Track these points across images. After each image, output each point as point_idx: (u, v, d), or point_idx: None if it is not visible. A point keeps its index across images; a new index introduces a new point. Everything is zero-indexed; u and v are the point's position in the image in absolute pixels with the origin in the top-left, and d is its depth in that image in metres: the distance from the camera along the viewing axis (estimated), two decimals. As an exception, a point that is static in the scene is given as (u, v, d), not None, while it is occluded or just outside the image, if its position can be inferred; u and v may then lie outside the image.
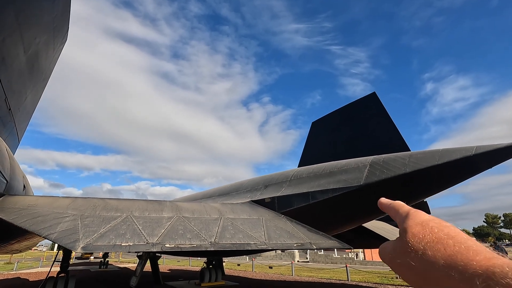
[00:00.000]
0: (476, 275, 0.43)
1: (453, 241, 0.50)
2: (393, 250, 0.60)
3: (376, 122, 11.44)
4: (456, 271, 0.46)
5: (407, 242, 0.56)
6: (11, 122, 7.83)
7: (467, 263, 0.46)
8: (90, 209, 4.91)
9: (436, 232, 0.53)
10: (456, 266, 0.46)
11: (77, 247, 3.67)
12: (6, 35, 5.46)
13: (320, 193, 6.47)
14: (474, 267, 0.44)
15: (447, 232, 0.53)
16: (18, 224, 4.01)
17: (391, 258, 0.60)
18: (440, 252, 0.49)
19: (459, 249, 0.48)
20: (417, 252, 0.53)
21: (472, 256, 0.46)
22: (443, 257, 0.49)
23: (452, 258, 0.48)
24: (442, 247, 0.50)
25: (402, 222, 0.62)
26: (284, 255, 38.23)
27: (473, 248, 0.48)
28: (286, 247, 5.21)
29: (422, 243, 0.53)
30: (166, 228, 4.72)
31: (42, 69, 8.51)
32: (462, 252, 0.48)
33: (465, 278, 0.44)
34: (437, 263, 0.49)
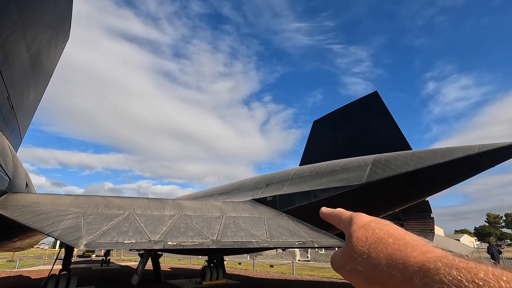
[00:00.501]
0: (414, 272, 0.42)
1: (393, 239, 0.50)
2: (342, 258, 0.58)
3: (378, 121, 11.42)
4: (397, 270, 0.45)
5: (352, 247, 0.55)
6: (14, 120, 7.85)
7: (405, 260, 0.45)
8: (93, 207, 4.93)
9: (377, 233, 0.53)
10: (396, 265, 0.45)
11: (79, 244, 3.68)
12: (9, 33, 5.47)
13: (322, 192, 6.47)
14: (412, 264, 0.44)
15: (387, 230, 0.53)
16: (21, 221, 4.03)
17: (341, 266, 0.58)
18: (382, 252, 0.49)
19: (398, 247, 0.48)
20: (362, 256, 0.52)
21: (410, 253, 0.46)
22: (385, 256, 0.48)
23: (392, 256, 0.47)
24: (384, 246, 0.49)
25: (347, 228, 0.60)
26: (285, 254, 38.27)
27: (410, 243, 0.48)
28: (288, 245, 5.22)
29: (366, 246, 0.52)
30: (168, 226, 4.74)
31: (44, 67, 8.53)
32: (401, 249, 0.47)
33: (406, 277, 0.43)
34: (380, 264, 0.48)
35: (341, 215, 0.67)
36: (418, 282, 0.41)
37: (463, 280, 0.38)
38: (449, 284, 0.38)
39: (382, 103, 11.56)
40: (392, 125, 10.87)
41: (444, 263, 0.41)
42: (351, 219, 0.61)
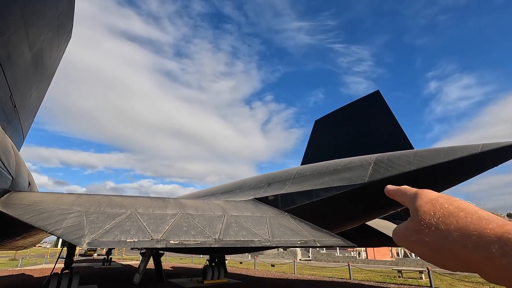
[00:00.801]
0: (491, 242, 0.44)
1: (464, 213, 0.51)
2: (406, 229, 0.61)
3: (380, 121, 11.39)
4: (470, 241, 0.46)
5: (419, 220, 0.57)
6: (16, 119, 7.88)
7: (480, 232, 0.46)
8: (95, 205, 4.94)
9: (446, 207, 0.54)
10: (470, 236, 0.47)
11: (82, 243, 3.69)
12: (12, 32, 5.49)
13: (324, 191, 6.46)
14: (489, 235, 0.45)
15: (458, 205, 0.54)
16: (24, 220, 4.05)
17: (405, 237, 0.61)
18: (453, 225, 0.50)
19: (471, 220, 0.49)
20: (430, 228, 0.54)
21: (485, 225, 0.47)
22: (456, 229, 0.50)
23: (465, 228, 0.48)
24: (454, 219, 0.51)
25: (412, 203, 0.62)
26: (286, 253, 38.26)
27: (484, 217, 0.49)
28: (290, 244, 5.21)
29: (434, 219, 0.54)
30: (171, 225, 4.74)
31: (47, 66, 8.55)
32: (475, 222, 0.48)
33: (480, 246, 0.45)
34: (451, 236, 0.50)
35: (405, 191, 0.69)
36: (496, 251, 0.42)
37: None
38: None
39: (384, 103, 11.53)
40: (394, 125, 10.84)
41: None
42: (416, 194, 0.63)
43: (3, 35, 5.32)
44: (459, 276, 17.51)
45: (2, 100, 6.47)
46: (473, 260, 0.46)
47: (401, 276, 17.20)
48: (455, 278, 16.48)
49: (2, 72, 5.87)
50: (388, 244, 10.88)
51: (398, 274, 17.45)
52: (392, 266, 24.66)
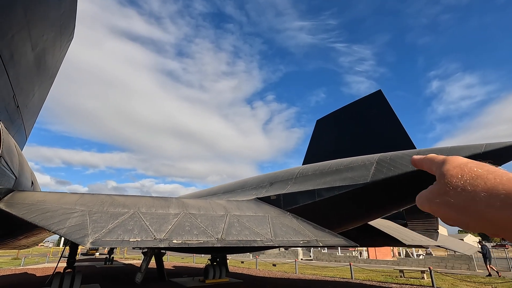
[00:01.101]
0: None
1: (494, 175, 0.51)
2: (431, 193, 0.61)
3: (382, 120, 11.36)
4: (498, 200, 0.47)
5: (445, 183, 0.57)
6: (19, 119, 7.91)
7: (509, 191, 0.46)
8: (98, 205, 4.95)
9: (475, 170, 0.54)
10: (498, 195, 0.47)
11: (86, 242, 3.70)
12: (15, 32, 5.50)
13: (326, 191, 6.45)
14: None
15: (487, 169, 0.54)
16: (28, 219, 4.06)
17: (429, 200, 0.61)
18: (480, 186, 0.51)
19: (501, 180, 0.49)
20: (456, 189, 0.54)
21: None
22: (483, 189, 0.50)
23: (494, 189, 0.49)
24: (482, 181, 0.51)
25: (440, 168, 0.63)
26: (288, 253, 38.28)
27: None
28: (292, 244, 5.21)
29: (461, 181, 0.54)
30: (173, 225, 4.75)
31: (49, 66, 8.58)
32: (504, 183, 0.48)
33: (508, 205, 0.45)
34: (478, 196, 0.50)
35: (433, 158, 0.70)
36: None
37: None
38: None
39: (386, 102, 11.50)
40: (396, 124, 10.81)
41: None
42: (445, 160, 0.64)
43: (6, 35, 5.33)
44: (461, 276, 17.47)
45: (5, 100, 6.49)
46: (500, 219, 0.46)
47: (403, 276, 17.17)
48: (457, 278, 16.44)
49: (5, 72, 5.89)
50: (390, 244, 10.86)
51: (400, 274, 17.42)
52: (393, 266, 24.61)
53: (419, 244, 9.85)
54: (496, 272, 17.91)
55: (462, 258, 22.30)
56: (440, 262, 23.29)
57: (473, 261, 21.95)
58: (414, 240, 9.32)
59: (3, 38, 5.23)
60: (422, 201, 0.64)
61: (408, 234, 9.69)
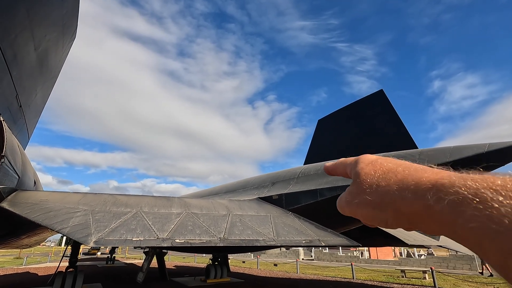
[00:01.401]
0: (426, 190, 0.45)
1: (402, 168, 0.53)
2: (349, 194, 0.61)
3: (384, 120, 11.33)
4: (409, 191, 0.48)
5: (361, 182, 0.58)
6: (22, 119, 7.93)
7: (417, 181, 0.48)
8: (101, 204, 4.96)
9: (385, 165, 0.56)
10: (408, 187, 0.49)
11: (89, 241, 3.71)
12: (18, 32, 5.52)
13: (328, 190, 6.44)
14: (424, 183, 0.46)
15: (395, 162, 0.56)
16: (31, 218, 4.07)
17: (348, 202, 0.61)
18: (392, 179, 0.52)
19: (409, 172, 0.51)
20: (371, 187, 0.55)
21: (421, 174, 0.49)
22: (395, 182, 0.51)
23: (404, 181, 0.50)
24: (393, 174, 0.53)
25: (354, 168, 0.63)
26: (289, 252, 38.26)
27: (420, 168, 0.51)
28: (295, 243, 5.21)
29: (375, 178, 0.55)
30: (176, 224, 4.75)
31: (52, 66, 8.60)
32: (412, 174, 0.50)
33: (418, 196, 0.46)
34: (391, 190, 0.51)
35: (345, 161, 0.70)
36: (431, 197, 0.44)
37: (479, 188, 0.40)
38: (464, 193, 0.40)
39: (388, 102, 11.48)
40: (398, 124, 10.78)
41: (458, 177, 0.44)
42: (356, 160, 0.65)
43: (9, 35, 5.35)
44: (463, 276, 17.43)
45: (8, 100, 6.51)
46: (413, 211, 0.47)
47: (405, 276, 17.14)
48: (459, 278, 16.40)
49: (8, 72, 5.91)
50: (392, 243, 10.84)
51: (402, 274, 17.39)
52: (395, 266, 24.57)
53: (421, 244, 9.83)
54: (484, 272, 18.55)
55: (464, 258, 22.24)
56: (442, 262, 23.23)
57: (475, 261, 21.89)
58: (416, 240, 9.31)
59: (6, 38, 5.25)
60: (342, 204, 0.63)
61: (410, 234, 9.67)
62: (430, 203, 0.43)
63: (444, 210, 0.42)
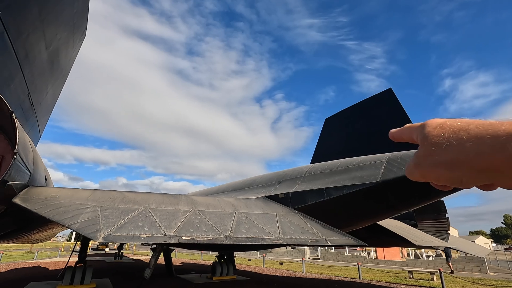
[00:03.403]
0: (507, 141, 0.43)
1: (475, 125, 0.51)
2: (417, 158, 0.60)
3: (392, 119, 11.18)
4: (485, 146, 0.46)
5: (430, 143, 0.56)
6: (33, 116, 8.11)
7: (493, 134, 0.46)
8: (109, 201, 5.04)
9: (455, 125, 0.54)
10: (484, 141, 0.47)
11: (98, 237, 3.78)
12: (30, 31, 5.63)
13: (335, 190, 6.40)
14: (503, 135, 0.44)
15: (466, 121, 0.54)
16: (42, 214, 4.17)
17: (417, 164, 0.59)
18: (465, 137, 0.50)
19: (483, 127, 0.49)
20: (441, 147, 0.53)
21: (498, 127, 0.46)
22: (468, 139, 0.49)
23: (478, 136, 0.48)
24: (466, 132, 0.51)
25: (421, 132, 0.61)
26: (295, 251, 38.23)
27: (495, 122, 0.49)
28: (301, 242, 5.20)
29: (445, 138, 0.54)
30: (183, 221, 4.80)
31: (62, 65, 8.75)
32: (487, 128, 0.48)
33: (497, 149, 0.44)
34: (465, 147, 0.49)
35: (411, 126, 0.69)
36: None
37: None
38: None
39: (397, 101, 11.31)
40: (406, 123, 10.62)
41: None
42: (423, 124, 0.63)
43: (21, 34, 5.46)
44: (471, 278, 17.12)
45: (20, 98, 6.66)
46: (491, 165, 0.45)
47: (412, 277, 16.94)
48: (468, 280, 16.12)
49: (21, 71, 6.04)
50: (399, 244, 10.71)
51: (409, 275, 17.19)
52: (402, 266, 24.31)
53: (429, 245, 9.69)
54: (451, 270, 20.40)
55: (473, 260, 21.85)
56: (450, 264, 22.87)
57: (484, 263, 21.49)
58: (424, 241, 9.17)
59: (19, 37, 5.36)
60: (411, 169, 0.62)
61: (418, 234, 9.54)
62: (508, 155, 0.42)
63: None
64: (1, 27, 4.77)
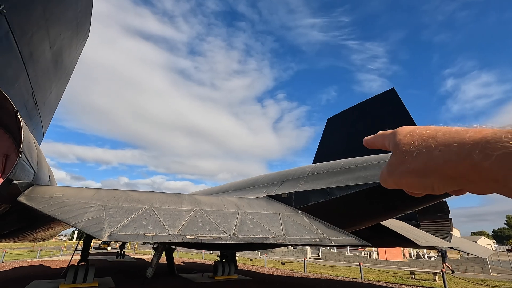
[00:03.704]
0: (471, 149, 0.45)
1: (442, 132, 0.53)
2: (390, 166, 0.62)
3: (395, 119, 11.15)
4: (452, 153, 0.48)
5: (401, 152, 0.58)
6: (37, 115, 8.14)
7: (460, 142, 0.47)
8: (113, 200, 5.05)
9: (424, 133, 0.56)
10: (451, 149, 0.48)
11: (103, 236, 3.79)
12: (34, 30, 5.65)
13: (339, 190, 6.39)
14: (468, 142, 0.46)
15: (434, 129, 0.56)
16: (47, 212, 4.18)
17: (390, 172, 0.62)
18: (433, 145, 0.52)
19: (450, 135, 0.50)
20: (412, 154, 0.55)
21: (463, 135, 0.48)
22: (436, 147, 0.51)
23: (445, 144, 0.50)
24: (433, 140, 0.53)
25: (392, 140, 0.64)
26: (296, 251, 38.21)
27: (461, 129, 0.50)
28: (305, 242, 5.19)
29: (414, 146, 0.56)
30: (186, 220, 4.80)
31: (66, 64, 8.77)
32: (453, 136, 0.50)
33: (463, 156, 0.46)
34: (434, 154, 0.51)
35: (383, 134, 0.71)
36: (477, 155, 0.43)
37: None
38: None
39: (400, 101, 11.27)
40: (409, 123, 10.59)
41: (503, 132, 0.42)
42: (395, 132, 0.65)
43: (26, 34, 5.48)
44: (474, 278, 17.07)
45: (25, 97, 6.69)
46: (459, 172, 0.47)
47: (414, 277, 16.90)
48: (470, 280, 16.07)
49: (25, 70, 6.06)
50: (402, 244, 10.69)
51: (411, 275, 17.15)
52: (404, 267, 24.26)
53: (432, 245, 9.66)
54: (451, 270, 20.77)
55: (476, 261, 21.78)
56: (452, 264, 22.81)
57: (487, 264, 21.41)
58: (427, 241, 9.15)
59: (23, 36, 5.38)
60: (384, 176, 0.64)
61: (421, 235, 9.51)
62: (477, 161, 0.43)
63: (494, 166, 0.41)
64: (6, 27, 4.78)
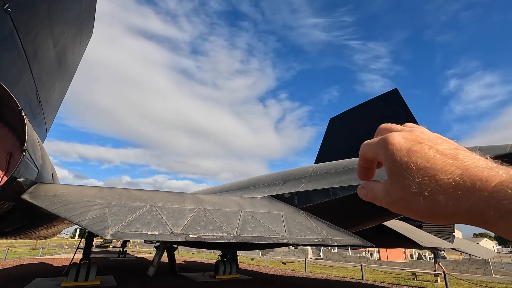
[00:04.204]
0: (485, 209, 0.40)
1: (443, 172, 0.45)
2: (388, 196, 0.53)
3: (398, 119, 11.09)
4: (463, 210, 0.43)
5: (399, 178, 0.49)
6: (41, 114, 8.17)
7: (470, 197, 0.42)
8: (116, 198, 5.06)
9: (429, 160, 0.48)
10: (462, 204, 0.43)
11: (107, 234, 3.80)
12: (39, 29, 5.67)
13: (341, 190, 6.37)
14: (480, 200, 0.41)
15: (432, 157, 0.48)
16: (51, 210, 4.19)
17: (389, 204, 0.53)
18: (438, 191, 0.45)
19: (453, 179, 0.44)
20: (414, 196, 0.48)
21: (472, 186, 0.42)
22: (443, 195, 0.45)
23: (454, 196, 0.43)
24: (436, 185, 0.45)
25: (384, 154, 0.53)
26: (297, 251, 38.18)
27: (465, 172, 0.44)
28: (307, 242, 5.18)
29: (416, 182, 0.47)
30: (189, 219, 4.81)
31: (69, 63, 8.80)
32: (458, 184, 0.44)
33: (474, 213, 0.42)
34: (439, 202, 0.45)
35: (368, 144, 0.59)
36: (492, 217, 0.40)
37: None
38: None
39: (403, 101, 11.25)
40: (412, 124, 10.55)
41: None
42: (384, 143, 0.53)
43: (30, 32, 5.50)
44: (476, 280, 16.98)
45: (28, 95, 6.71)
46: (467, 222, 0.44)
47: (416, 278, 16.84)
48: (472, 282, 15.99)
49: (29, 68, 6.09)
50: (405, 245, 10.66)
51: (412, 276, 17.09)
52: (405, 268, 24.17)
53: (435, 246, 9.62)
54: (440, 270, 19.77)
55: (478, 263, 21.67)
56: (454, 265, 22.72)
57: (489, 265, 21.30)
58: (430, 242, 9.11)
59: (27, 35, 5.40)
60: (380, 201, 0.56)
61: (424, 236, 9.48)
62: (490, 220, 0.40)
63: (494, 216, 0.39)
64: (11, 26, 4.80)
